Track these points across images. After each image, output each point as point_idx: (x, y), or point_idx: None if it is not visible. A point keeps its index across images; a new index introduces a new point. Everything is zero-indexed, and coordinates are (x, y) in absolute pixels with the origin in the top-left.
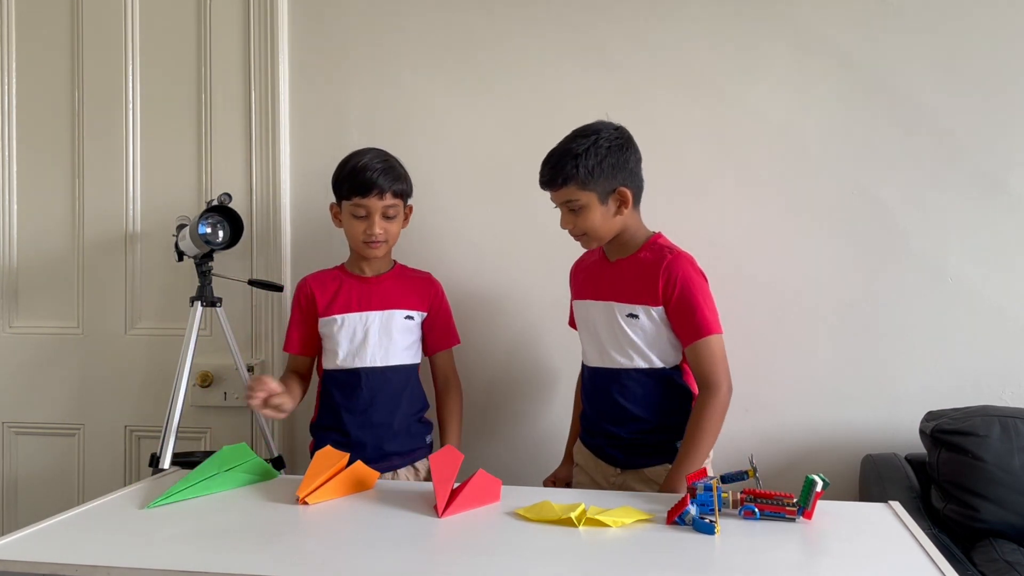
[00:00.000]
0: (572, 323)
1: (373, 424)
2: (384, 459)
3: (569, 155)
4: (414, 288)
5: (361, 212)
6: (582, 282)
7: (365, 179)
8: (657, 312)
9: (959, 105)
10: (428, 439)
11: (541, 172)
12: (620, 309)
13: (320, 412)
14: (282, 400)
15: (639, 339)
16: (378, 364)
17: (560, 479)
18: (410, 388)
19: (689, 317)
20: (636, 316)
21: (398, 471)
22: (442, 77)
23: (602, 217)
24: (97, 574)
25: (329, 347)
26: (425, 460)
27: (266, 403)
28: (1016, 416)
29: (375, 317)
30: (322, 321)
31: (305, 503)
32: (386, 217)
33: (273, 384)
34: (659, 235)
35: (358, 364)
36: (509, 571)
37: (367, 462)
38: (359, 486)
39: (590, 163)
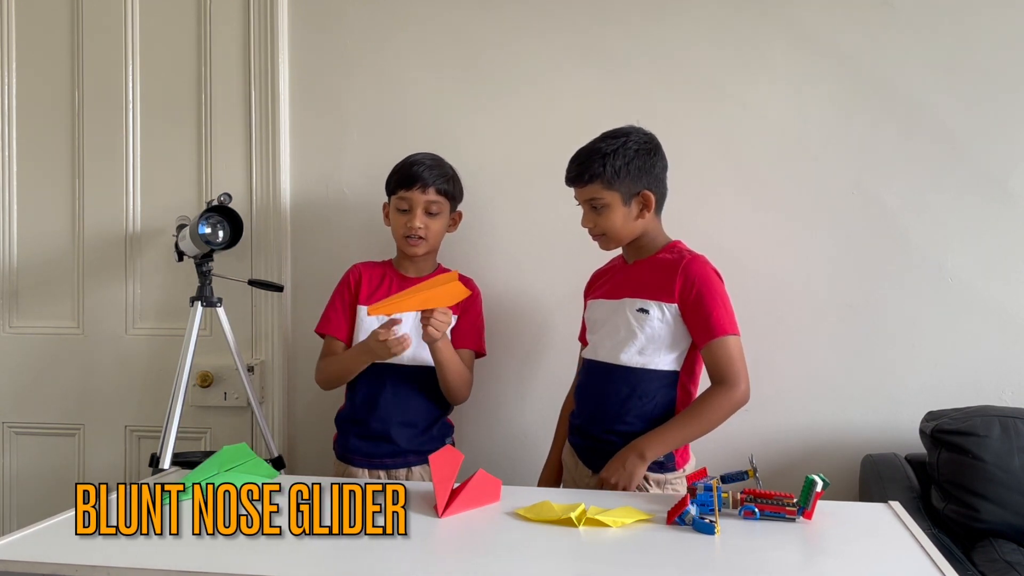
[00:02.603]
0: (581, 337)
1: (394, 421)
2: (400, 455)
3: (597, 154)
4: None
5: (404, 205)
6: (600, 286)
7: (410, 172)
8: (670, 309)
9: (959, 105)
10: (448, 441)
11: (568, 168)
12: (632, 304)
13: (347, 404)
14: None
15: (643, 336)
16: (405, 362)
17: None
18: (435, 389)
19: (706, 317)
20: (646, 312)
21: (413, 468)
22: (443, 78)
23: (623, 218)
24: (97, 574)
25: (360, 338)
26: None
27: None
28: (1016, 416)
29: (410, 316)
30: (361, 308)
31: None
32: (429, 213)
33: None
34: (679, 241)
35: (384, 362)
36: (509, 571)
37: (384, 456)
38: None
39: (617, 163)
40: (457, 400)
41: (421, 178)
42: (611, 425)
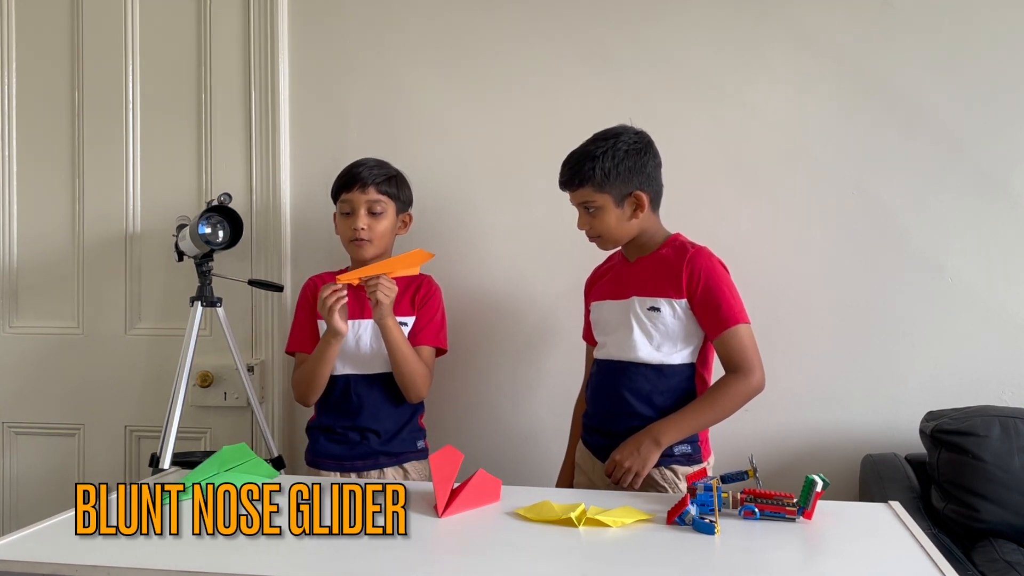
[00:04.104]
0: (585, 336)
1: (362, 428)
2: (372, 456)
3: (587, 157)
4: (407, 293)
5: (347, 208)
6: (602, 286)
7: (350, 174)
8: (680, 305)
9: (959, 105)
10: (420, 444)
11: (560, 172)
12: (642, 303)
13: (317, 412)
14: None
15: (657, 333)
16: (367, 372)
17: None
18: (400, 393)
19: (715, 308)
20: (658, 309)
21: (385, 470)
22: (443, 78)
23: (617, 220)
24: (97, 574)
25: None
26: (415, 463)
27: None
28: (1016, 416)
29: (367, 325)
30: (320, 323)
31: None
32: (371, 213)
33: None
34: (679, 234)
35: (348, 371)
36: (509, 571)
37: (355, 459)
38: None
39: (607, 165)
40: (412, 395)
41: (360, 178)
42: (631, 422)
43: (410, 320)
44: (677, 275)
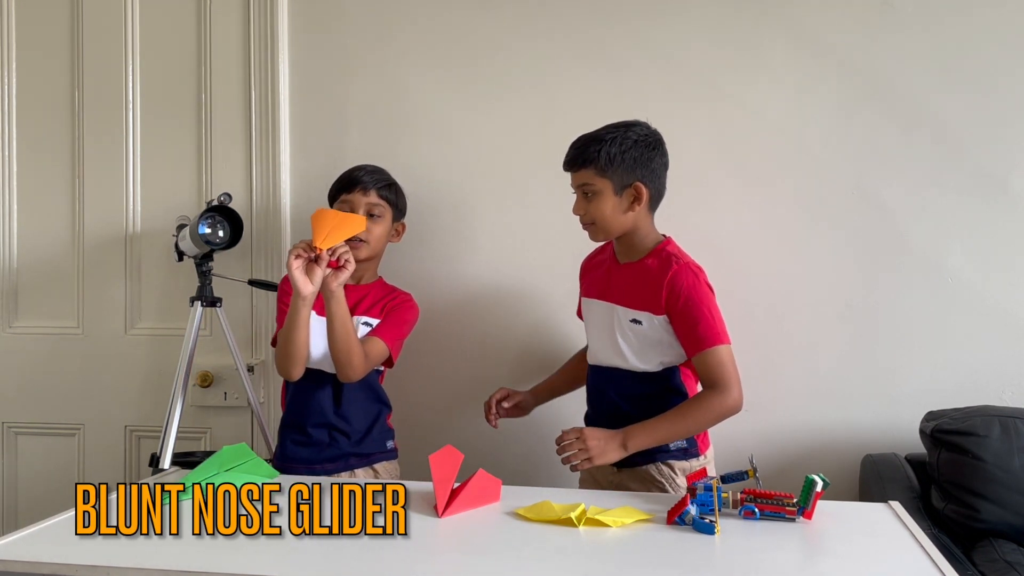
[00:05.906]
0: (579, 314)
1: (329, 425)
2: (341, 458)
3: (595, 140)
4: (381, 299)
5: (345, 208)
6: (591, 281)
7: (351, 177)
8: (659, 320)
9: (959, 105)
10: (389, 444)
11: (566, 152)
12: (624, 313)
13: (287, 409)
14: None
15: (640, 343)
16: (331, 369)
17: (511, 400)
18: (367, 392)
19: (693, 329)
20: (639, 322)
21: (355, 471)
22: (443, 78)
23: (612, 209)
24: (97, 574)
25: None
26: (385, 463)
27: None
28: (1016, 416)
29: (317, 323)
30: None
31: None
32: (370, 216)
33: None
34: (668, 241)
35: (316, 367)
36: (509, 571)
37: (324, 461)
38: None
39: (613, 150)
40: (343, 371)
41: (361, 181)
42: (623, 423)
43: (375, 322)
44: (657, 292)
